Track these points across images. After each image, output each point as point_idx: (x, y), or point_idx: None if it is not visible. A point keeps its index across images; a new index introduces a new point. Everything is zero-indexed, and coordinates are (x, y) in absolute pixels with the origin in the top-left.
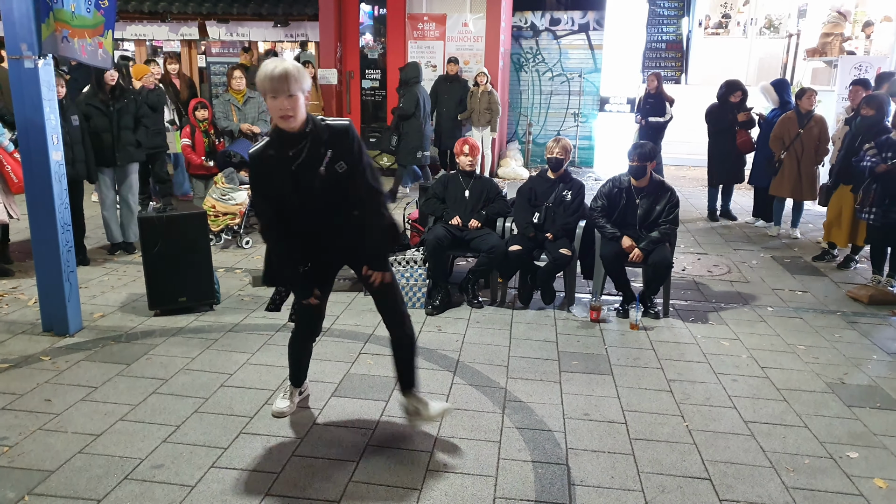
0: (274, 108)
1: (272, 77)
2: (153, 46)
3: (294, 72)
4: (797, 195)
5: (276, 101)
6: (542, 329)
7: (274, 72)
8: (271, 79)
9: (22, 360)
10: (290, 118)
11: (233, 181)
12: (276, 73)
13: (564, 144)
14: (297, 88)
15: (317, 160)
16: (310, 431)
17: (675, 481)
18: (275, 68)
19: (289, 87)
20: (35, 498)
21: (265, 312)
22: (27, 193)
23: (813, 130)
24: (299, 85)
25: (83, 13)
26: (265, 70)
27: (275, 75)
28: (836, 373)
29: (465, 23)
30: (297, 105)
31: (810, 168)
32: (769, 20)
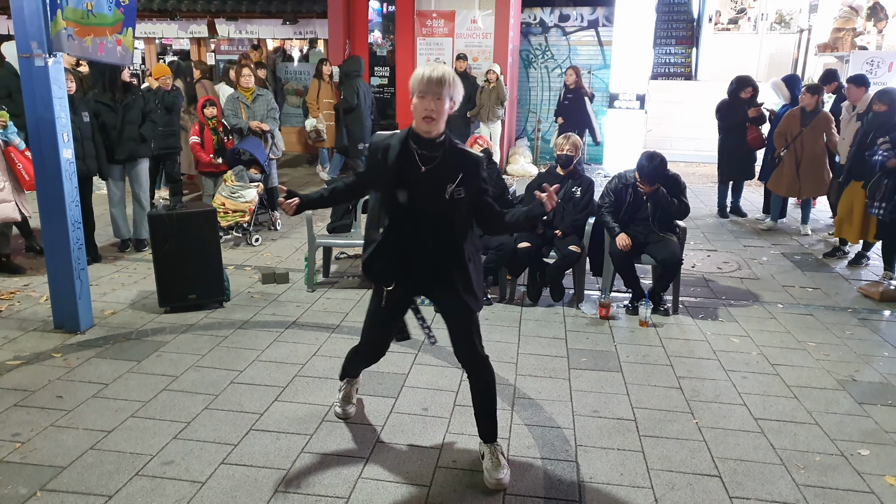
0: (419, 108)
1: (429, 78)
2: (162, 44)
3: (450, 78)
4: (793, 193)
5: (422, 101)
6: (551, 326)
7: (432, 74)
8: (428, 80)
9: (34, 356)
10: (433, 121)
11: (242, 179)
12: (435, 75)
13: (574, 141)
14: (447, 94)
15: (446, 176)
16: (319, 428)
17: (685, 478)
18: (434, 70)
19: (441, 90)
20: (47, 493)
21: (274, 311)
22: (38, 191)
23: (816, 129)
24: (450, 92)
25: (104, 11)
26: (420, 70)
27: (432, 77)
28: (848, 370)
29: (474, 19)
30: (443, 109)
31: (812, 166)
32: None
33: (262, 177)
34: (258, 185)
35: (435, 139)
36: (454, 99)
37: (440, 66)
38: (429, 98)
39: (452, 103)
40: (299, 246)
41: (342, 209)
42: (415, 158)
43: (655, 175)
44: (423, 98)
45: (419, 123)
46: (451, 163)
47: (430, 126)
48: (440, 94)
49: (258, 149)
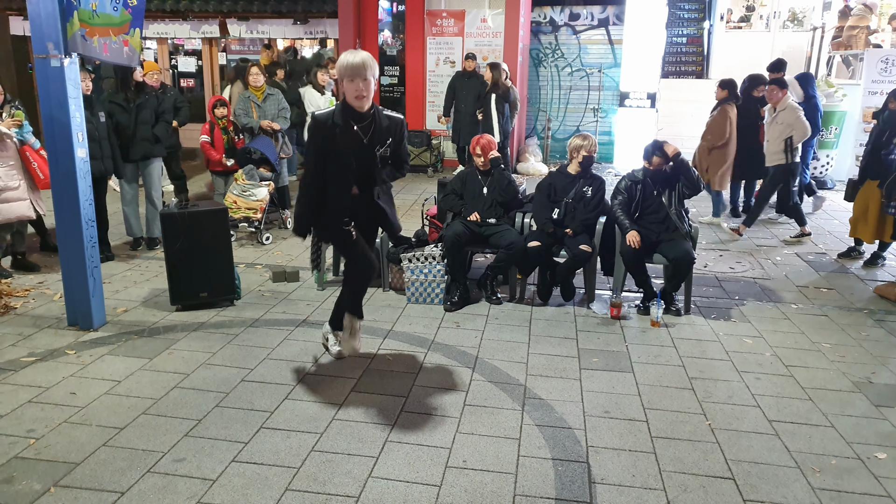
0: (350, 90)
1: (352, 64)
2: (175, 44)
3: (369, 60)
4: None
5: (352, 84)
6: (561, 326)
7: (354, 59)
8: (351, 65)
9: (48, 353)
10: (364, 98)
11: (253, 178)
12: (356, 60)
13: (594, 141)
14: (371, 74)
15: (377, 140)
16: (329, 426)
17: (698, 480)
18: (354, 56)
19: (364, 72)
20: (61, 489)
21: (285, 309)
22: (53, 190)
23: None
24: (372, 72)
25: (108, 11)
26: (345, 58)
27: (354, 62)
28: (864, 371)
29: (484, 18)
30: (370, 87)
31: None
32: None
33: (272, 176)
34: (269, 183)
35: (368, 111)
36: (375, 77)
37: (360, 52)
38: (357, 80)
39: (376, 81)
40: (309, 244)
41: None
42: (356, 131)
43: (656, 146)
44: (352, 81)
45: (353, 101)
46: (381, 129)
47: (363, 102)
48: (365, 75)
49: (269, 148)
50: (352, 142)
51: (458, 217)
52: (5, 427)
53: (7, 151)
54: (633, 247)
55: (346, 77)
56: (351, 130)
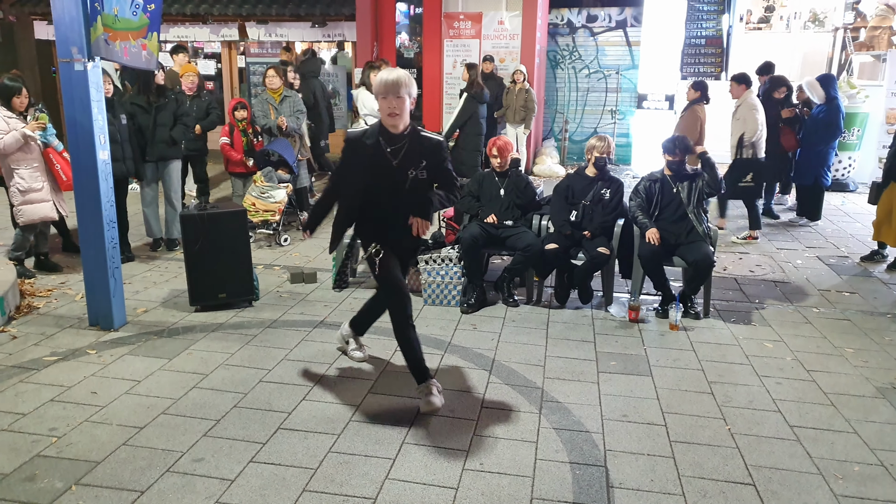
0: (383, 107)
1: (387, 81)
2: (194, 48)
3: (405, 78)
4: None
5: (385, 101)
6: (579, 329)
7: (389, 76)
8: (386, 82)
9: (70, 353)
10: (397, 116)
11: (272, 180)
12: (391, 77)
13: (610, 142)
14: (406, 92)
15: (411, 164)
16: (347, 428)
17: (718, 486)
18: (389, 74)
19: (399, 89)
20: (82, 488)
21: (302, 311)
22: (75, 191)
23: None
24: (407, 90)
25: (128, 16)
26: (381, 75)
27: (389, 79)
28: (887, 377)
29: (501, 20)
30: (404, 106)
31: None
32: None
33: (290, 177)
34: (287, 185)
35: (402, 132)
36: (411, 95)
37: (396, 69)
38: (390, 98)
39: (412, 99)
40: (327, 246)
41: None
42: (385, 153)
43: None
44: (385, 98)
45: (386, 119)
46: (416, 151)
47: (396, 121)
48: (399, 92)
49: (287, 150)
50: (381, 163)
51: (475, 219)
52: (28, 425)
53: (31, 154)
54: (653, 244)
55: (380, 94)
56: (382, 152)
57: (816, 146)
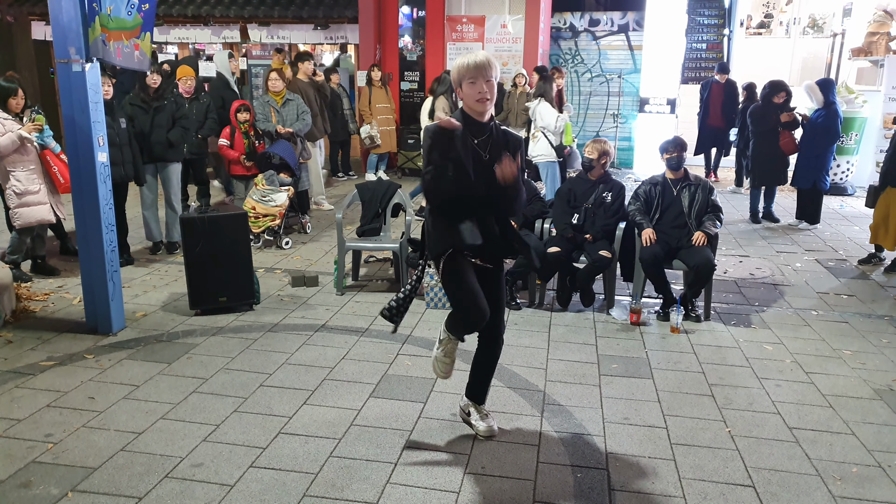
0: (472, 93)
1: (476, 64)
2: (196, 49)
3: (493, 59)
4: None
5: (474, 86)
6: (581, 332)
7: (477, 58)
8: (476, 66)
9: (67, 357)
10: (488, 101)
11: (273, 183)
12: (479, 59)
13: (601, 146)
14: (494, 75)
15: (497, 157)
16: (347, 432)
17: (718, 488)
18: (476, 56)
19: (489, 71)
20: (78, 494)
21: (304, 314)
22: (73, 194)
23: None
24: (496, 72)
25: (123, 15)
26: (465, 59)
27: (479, 60)
28: (885, 379)
29: (504, 24)
30: (493, 89)
31: None
32: (813, 20)
33: (292, 180)
34: (289, 188)
35: (487, 122)
36: (498, 79)
37: (479, 52)
38: (480, 81)
39: (498, 83)
40: (329, 249)
41: (372, 212)
42: (474, 145)
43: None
44: (474, 83)
45: (474, 105)
46: (500, 143)
47: (486, 106)
48: (488, 75)
49: (289, 153)
50: (471, 156)
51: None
52: (23, 431)
53: (28, 156)
54: (653, 247)
55: (467, 78)
56: (470, 144)
57: (815, 150)
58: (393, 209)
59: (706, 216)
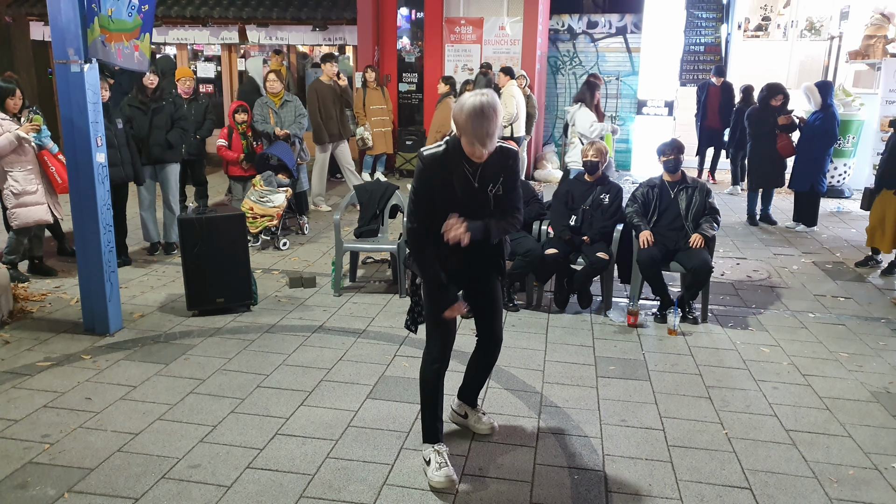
0: (469, 149)
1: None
2: (194, 50)
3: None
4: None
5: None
6: (578, 333)
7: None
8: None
9: (64, 358)
10: (487, 153)
11: (271, 184)
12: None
13: (599, 147)
14: (496, 130)
15: (489, 179)
16: (345, 433)
17: (715, 490)
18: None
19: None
20: (75, 495)
21: (301, 315)
22: (71, 195)
23: None
24: (497, 123)
25: (123, 17)
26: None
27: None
28: (881, 381)
29: (503, 26)
30: (493, 145)
31: None
32: (810, 22)
33: (290, 181)
34: (287, 189)
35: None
36: (500, 125)
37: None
38: (478, 146)
39: (500, 130)
40: (326, 250)
41: (370, 213)
42: (467, 173)
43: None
44: (472, 144)
45: (471, 155)
46: (494, 166)
47: (481, 160)
48: (491, 130)
49: (287, 154)
50: (462, 184)
51: None
52: (20, 432)
53: (25, 156)
54: (651, 249)
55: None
56: (462, 171)
57: (813, 153)
58: (391, 210)
59: (703, 218)
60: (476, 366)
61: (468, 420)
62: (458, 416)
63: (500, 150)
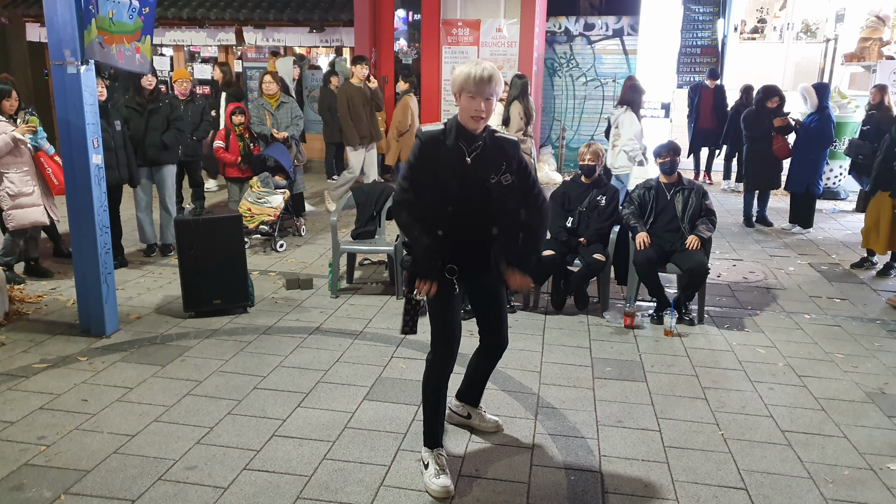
0: (468, 107)
1: (480, 78)
2: (191, 52)
3: (498, 76)
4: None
5: (472, 101)
6: (575, 335)
7: (482, 73)
8: (478, 80)
9: (60, 360)
10: (482, 120)
11: (268, 185)
12: (483, 74)
13: (596, 149)
14: (495, 93)
15: (491, 166)
16: (342, 435)
17: (710, 491)
18: (483, 70)
19: (488, 90)
20: (71, 497)
21: (298, 317)
22: (67, 196)
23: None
24: (498, 89)
25: (125, 20)
26: (469, 70)
27: (483, 77)
28: (877, 382)
29: (500, 28)
30: (491, 108)
31: None
32: (806, 25)
33: (287, 183)
34: (285, 191)
35: (480, 133)
36: (499, 96)
37: (485, 63)
38: (479, 99)
39: (498, 100)
40: (323, 252)
41: (367, 215)
42: (463, 152)
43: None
44: (473, 98)
45: (468, 121)
46: (493, 153)
47: (479, 124)
48: (489, 93)
49: (284, 155)
50: (457, 168)
51: None
52: (16, 434)
53: (21, 157)
54: (647, 251)
55: (467, 91)
56: (460, 154)
57: (809, 155)
58: (388, 212)
59: (700, 220)
60: (478, 368)
61: (471, 420)
62: (460, 416)
63: (499, 140)
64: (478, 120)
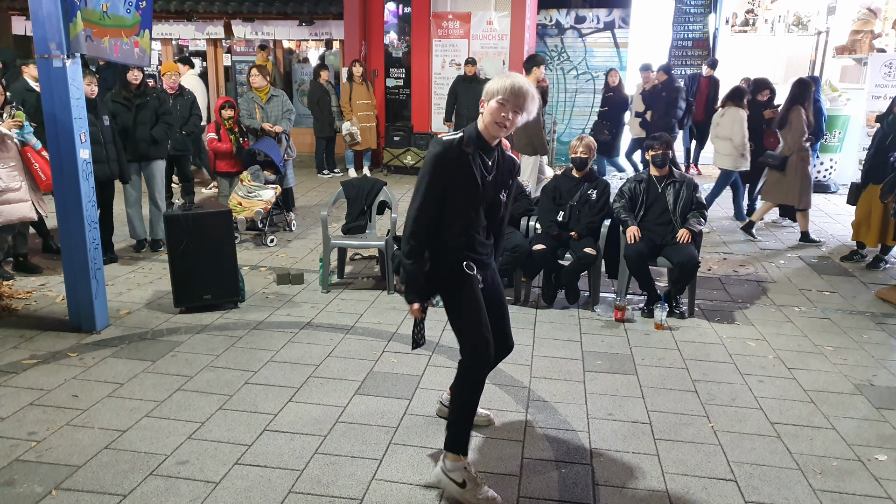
0: (496, 113)
1: (518, 88)
2: (179, 45)
3: (536, 101)
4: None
5: (501, 108)
6: (566, 328)
7: (522, 85)
8: (516, 90)
9: (50, 355)
10: (504, 129)
11: (258, 179)
12: (524, 89)
13: (588, 143)
14: (526, 110)
15: (501, 184)
16: (333, 429)
17: (700, 482)
18: (525, 84)
19: (522, 104)
20: (62, 492)
21: (289, 312)
22: (55, 191)
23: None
24: (532, 108)
25: (122, 13)
26: (512, 81)
27: (523, 89)
28: (865, 374)
29: (490, 21)
30: (517, 122)
31: None
32: (797, 17)
33: (277, 178)
34: (276, 187)
35: (494, 144)
36: (526, 119)
37: (527, 82)
38: (509, 108)
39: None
40: (314, 247)
41: (357, 210)
42: (481, 165)
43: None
44: (503, 105)
45: (491, 127)
46: (504, 168)
47: (501, 132)
48: (521, 107)
49: (273, 150)
50: (476, 176)
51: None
52: (6, 430)
53: (8, 152)
54: (638, 244)
55: (500, 96)
56: (477, 162)
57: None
58: (378, 207)
59: (691, 213)
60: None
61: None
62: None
63: (508, 157)
64: (501, 127)
